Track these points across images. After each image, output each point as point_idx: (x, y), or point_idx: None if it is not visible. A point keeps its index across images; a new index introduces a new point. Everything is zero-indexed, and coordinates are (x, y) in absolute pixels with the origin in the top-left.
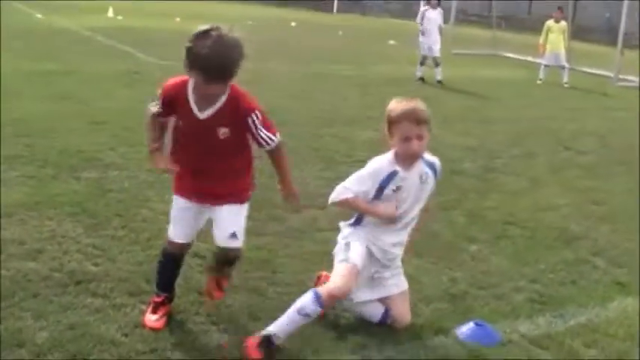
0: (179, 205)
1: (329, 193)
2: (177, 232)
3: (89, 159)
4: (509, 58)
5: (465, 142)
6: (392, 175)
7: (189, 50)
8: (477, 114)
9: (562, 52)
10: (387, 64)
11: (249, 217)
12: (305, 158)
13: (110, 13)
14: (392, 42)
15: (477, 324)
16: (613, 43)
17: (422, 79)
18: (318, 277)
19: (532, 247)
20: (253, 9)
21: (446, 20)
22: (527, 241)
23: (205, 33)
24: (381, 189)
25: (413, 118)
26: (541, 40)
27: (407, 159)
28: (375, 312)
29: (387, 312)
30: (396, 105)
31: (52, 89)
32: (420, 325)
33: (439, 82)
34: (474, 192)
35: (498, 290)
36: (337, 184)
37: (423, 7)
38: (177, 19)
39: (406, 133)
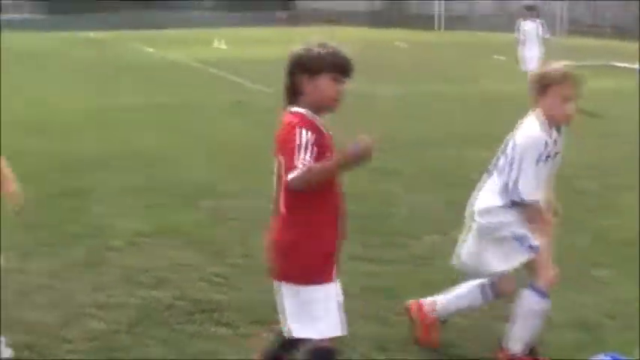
0: (330, 292)
1: (447, 219)
2: (339, 321)
3: (207, 188)
4: (623, 68)
5: (583, 159)
6: (546, 145)
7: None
8: (593, 128)
9: None
10: (495, 80)
11: (370, 245)
12: (419, 181)
13: (216, 44)
14: (499, 57)
15: (611, 357)
16: None
17: None
18: (408, 308)
19: None
20: (357, 32)
21: (553, 31)
22: None
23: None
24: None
25: (574, 79)
26: None
27: (561, 121)
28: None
29: (489, 288)
30: (555, 66)
31: (167, 121)
32: (550, 355)
33: None
34: (594, 211)
35: (630, 320)
36: (455, 208)
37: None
38: (286, 47)
39: (568, 94)
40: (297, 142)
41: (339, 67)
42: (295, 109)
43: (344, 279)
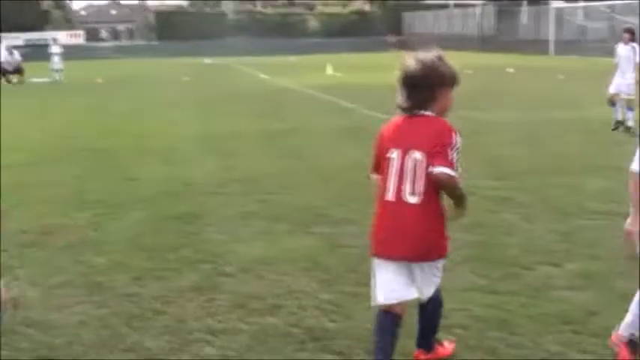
0: (384, 266)
1: (561, 249)
2: (391, 293)
3: (321, 214)
4: None
5: None
6: None
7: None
8: None
9: None
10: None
11: (485, 275)
12: (534, 210)
13: (329, 71)
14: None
15: None
16: None
17: (620, 122)
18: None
19: None
20: (469, 56)
21: None
22: None
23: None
24: None
25: None
26: None
27: None
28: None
29: None
30: None
31: (280, 147)
32: None
33: (628, 128)
34: None
35: None
36: (569, 238)
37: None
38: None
39: None
40: (452, 142)
41: (457, 80)
42: (430, 113)
43: (458, 308)
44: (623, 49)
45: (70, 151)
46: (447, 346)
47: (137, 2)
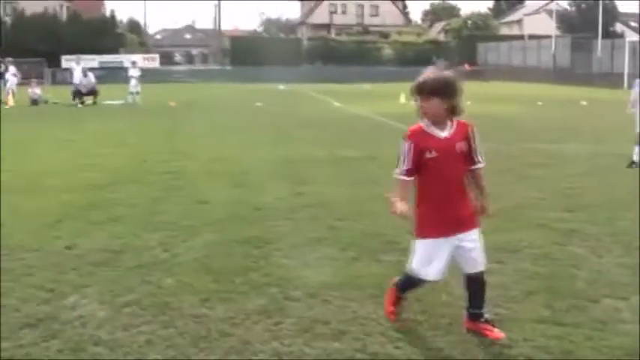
0: (431, 245)
1: (630, 282)
2: (433, 270)
3: (390, 242)
4: None
5: None
6: None
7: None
8: None
9: None
10: None
11: (552, 307)
12: (602, 244)
13: (402, 99)
14: None
15: None
16: None
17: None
18: None
19: None
20: (542, 88)
21: None
22: None
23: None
24: None
25: None
26: None
27: None
28: None
29: None
30: None
31: (353, 174)
32: None
33: (632, 163)
34: None
35: None
36: (638, 272)
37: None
38: (468, 103)
39: None
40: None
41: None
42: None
43: (524, 338)
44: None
45: (143, 172)
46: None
47: (212, 27)
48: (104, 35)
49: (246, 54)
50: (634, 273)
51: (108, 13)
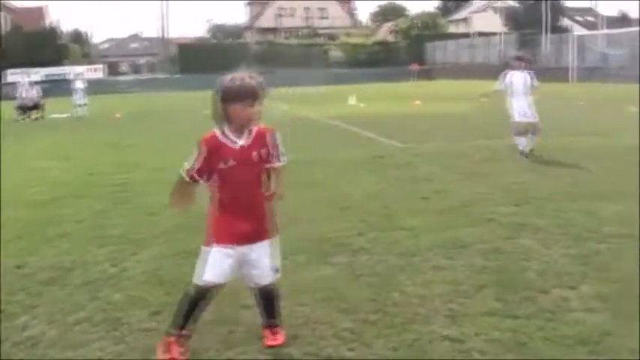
0: (217, 254)
1: (577, 272)
2: (213, 273)
3: (339, 244)
4: None
5: None
6: None
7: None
8: None
9: None
10: (628, 133)
11: (503, 299)
12: (550, 235)
13: (352, 101)
14: (633, 109)
15: None
16: None
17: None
18: None
19: None
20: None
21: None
22: None
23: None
24: None
25: None
26: None
27: None
28: None
29: None
30: None
31: (300, 178)
32: None
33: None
34: None
35: None
36: (585, 261)
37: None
38: (417, 102)
39: None
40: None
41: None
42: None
43: (477, 332)
44: (516, 76)
45: (90, 186)
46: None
47: (158, 36)
48: (46, 47)
49: (194, 61)
50: (581, 262)
51: (52, 24)
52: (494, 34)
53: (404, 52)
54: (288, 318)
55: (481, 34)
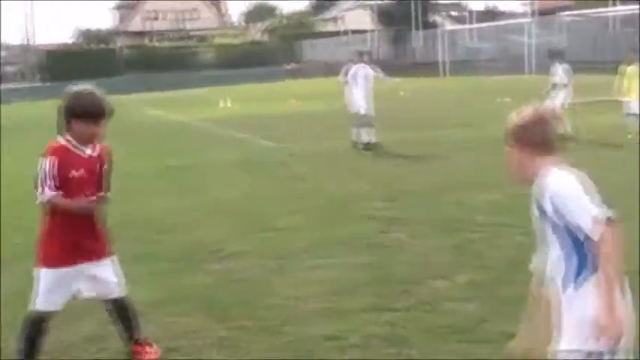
0: (53, 275)
1: (452, 262)
2: (52, 300)
3: (215, 250)
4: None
5: None
6: None
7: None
8: (593, 164)
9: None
10: (500, 124)
11: (380, 294)
12: (426, 227)
13: (225, 103)
14: (503, 99)
15: None
16: None
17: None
18: None
19: None
20: None
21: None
22: None
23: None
24: None
25: None
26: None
27: None
28: None
29: None
30: None
31: (175, 184)
32: None
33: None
34: None
35: None
36: (460, 251)
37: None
38: (294, 102)
39: None
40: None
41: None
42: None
43: (356, 328)
44: (359, 69)
45: None
46: None
47: (22, 43)
48: None
49: (62, 68)
50: (455, 253)
51: None
52: (366, 31)
53: (276, 51)
54: (166, 329)
55: (353, 31)
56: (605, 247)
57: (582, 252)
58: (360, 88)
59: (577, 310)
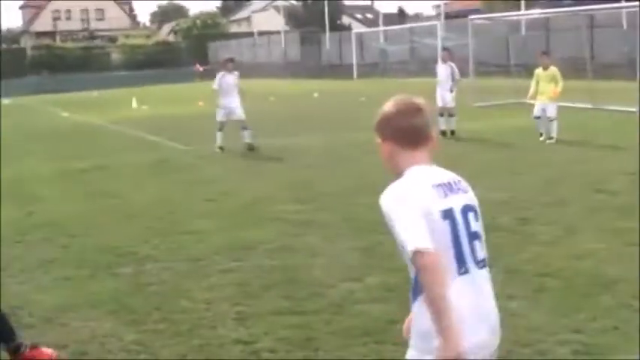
0: None
1: (362, 264)
2: None
3: (125, 254)
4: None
5: (495, 197)
6: None
7: None
8: (505, 165)
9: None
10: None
11: (292, 297)
12: (337, 229)
13: (134, 104)
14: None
15: None
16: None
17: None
18: None
19: (570, 296)
20: (273, 83)
21: (464, 73)
22: (565, 291)
23: None
24: None
25: None
26: (531, 90)
27: None
28: None
29: None
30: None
31: (84, 187)
32: None
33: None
34: (509, 246)
35: (542, 346)
36: (368, 253)
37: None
38: (201, 103)
39: None
40: None
41: None
42: None
43: (265, 332)
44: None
45: None
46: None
47: None
48: None
49: None
50: (366, 255)
51: None
52: (276, 32)
53: (186, 52)
54: (74, 334)
55: (263, 32)
56: (422, 276)
57: None
58: (227, 94)
59: (417, 324)
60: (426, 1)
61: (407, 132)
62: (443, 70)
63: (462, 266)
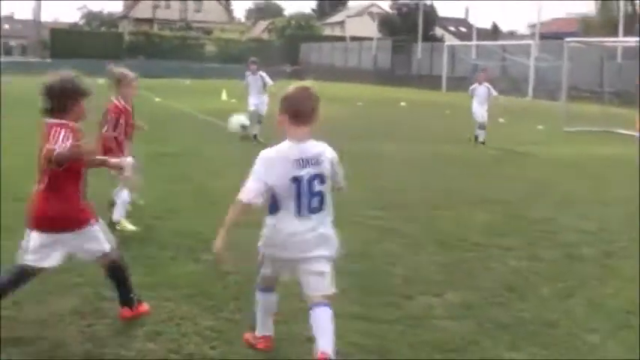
0: (37, 239)
1: (443, 280)
2: (34, 258)
3: (207, 240)
4: (622, 134)
5: (582, 226)
6: None
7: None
8: (593, 195)
9: None
10: (498, 141)
11: (367, 304)
12: (419, 241)
13: (224, 96)
14: (500, 120)
15: None
16: None
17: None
18: None
19: None
20: (362, 89)
21: (556, 97)
22: None
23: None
24: None
25: None
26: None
27: None
28: None
29: None
30: None
31: (169, 171)
32: None
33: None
34: (593, 279)
35: None
36: (450, 269)
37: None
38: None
39: None
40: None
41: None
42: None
43: (338, 335)
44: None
45: None
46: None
47: (31, 19)
48: None
49: (66, 47)
50: (448, 270)
51: None
52: (368, 38)
53: (278, 51)
54: (152, 314)
55: (356, 38)
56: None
57: None
58: (253, 93)
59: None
60: (522, 19)
61: (295, 112)
62: (482, 90)
63: (298, 211)
